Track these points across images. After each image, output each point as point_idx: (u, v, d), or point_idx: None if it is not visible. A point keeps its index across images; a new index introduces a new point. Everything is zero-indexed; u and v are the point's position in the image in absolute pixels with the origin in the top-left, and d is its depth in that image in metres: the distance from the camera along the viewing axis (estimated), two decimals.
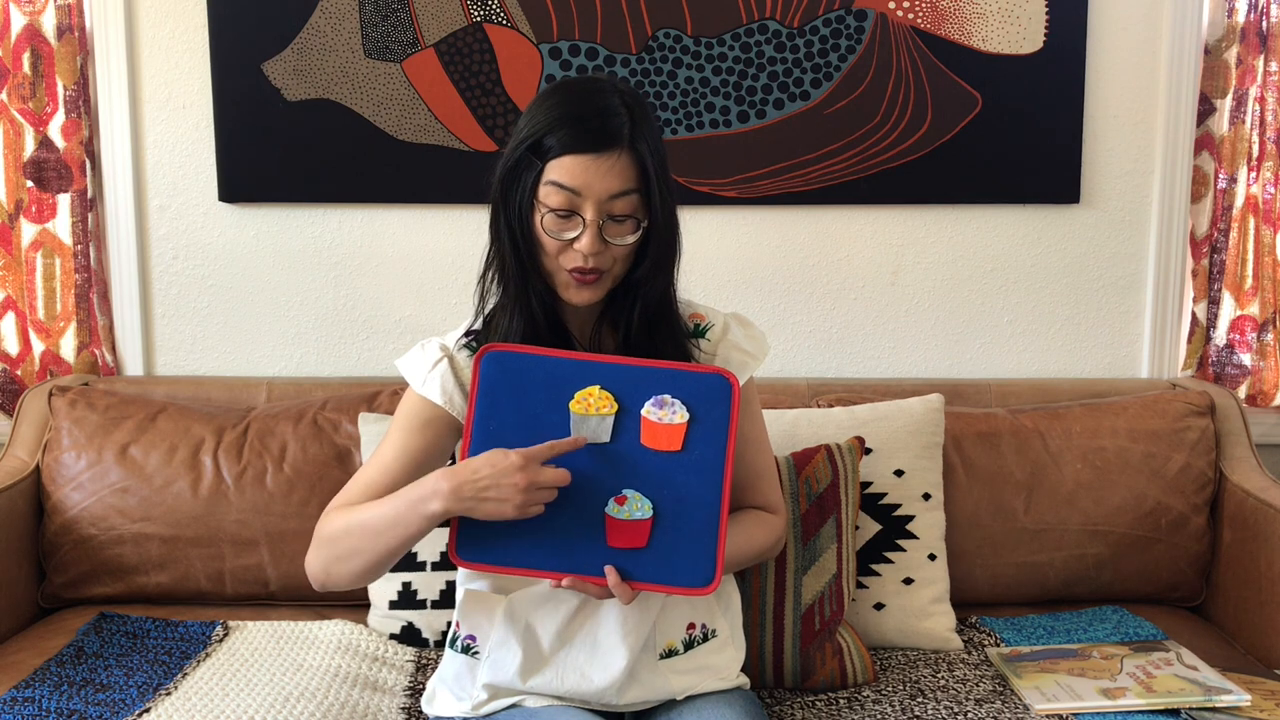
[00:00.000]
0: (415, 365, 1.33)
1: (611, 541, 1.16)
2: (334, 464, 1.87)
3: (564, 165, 1.19)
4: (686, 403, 1.17)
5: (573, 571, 1.16)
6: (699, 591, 1.16)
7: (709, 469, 1.17)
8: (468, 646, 1.32)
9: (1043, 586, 1.89)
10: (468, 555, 1.18)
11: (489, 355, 1.19)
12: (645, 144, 1.21)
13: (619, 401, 1.17)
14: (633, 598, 1.16)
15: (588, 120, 1.19)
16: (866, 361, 2.18)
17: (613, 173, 1.19)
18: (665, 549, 1.16)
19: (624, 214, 1.21)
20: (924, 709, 1.49)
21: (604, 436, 1.17)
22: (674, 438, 1.17)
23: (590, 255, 1.21)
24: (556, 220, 1.21)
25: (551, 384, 1.17)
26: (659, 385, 1.17)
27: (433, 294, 2.13)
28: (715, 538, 1.16)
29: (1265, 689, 1.51)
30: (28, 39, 2.05)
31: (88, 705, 1.46)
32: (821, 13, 2.06)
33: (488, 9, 2.04)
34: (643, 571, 1.16)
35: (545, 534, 1.16)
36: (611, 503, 1.16)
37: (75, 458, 1.87)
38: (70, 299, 2.11)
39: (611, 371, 1.18)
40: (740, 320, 1.40)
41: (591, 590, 1.17)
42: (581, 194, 1.19)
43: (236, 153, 2.07)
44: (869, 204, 2.12)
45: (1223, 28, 2.10)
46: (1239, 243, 2.16)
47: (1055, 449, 1.90)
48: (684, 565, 1.16)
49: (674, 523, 1.16)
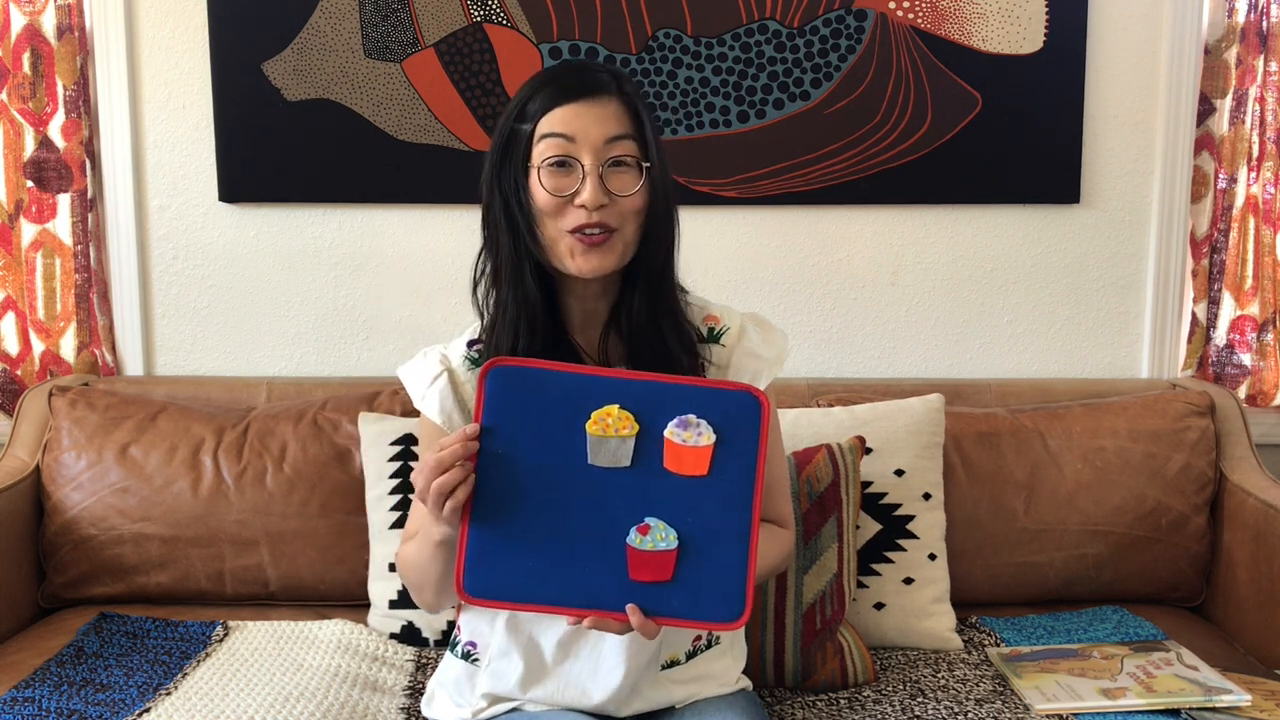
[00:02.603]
0: (415, 378, 1.28)
1: (634, 575, 1.07)
2: (334, 464, 1.87)
3: (555, 116, 1.16)
4: (713, 423, 1.07)
5: (592, 607, 1.07)
6: (728, 626, 1.07)
7: (737, 494, 1.07)
8: (468, 653, 1.31)
9: (1043, 586, 1.89)
10: (476, 590, 1.08)
11: (494, 371, 1.07)
12: (638, 99, 1.19)
13: (640, 421, 1.07)
14: (657, 634, 1.08)
15: (569, 75, 1.18)
16: (866, 361, 2.18)
17: (606, 114, 1.16)
18: (692, 582, 1.07)
19: (624, 157, 1.17)
20: (924, 709, 1.49)
21: (624, 460, 1.07)
22: (700, 461, 1.07)
23: (594, 208, 1.15)
24: (554, 174, 1.16)
25: (565, 403, 1.07)
26: (683, 404, 1.07)
27: (433, 294, 2.13)
28: (745, 569, 1.07)
29: (1265, 689, 1.51)
30: (28, 39, 2.05)
31: (88, 705, 1.46)
32: (821, 13, 2.06)
33: (488, 9, 2.04)
34: (668, 606, 1.07)
35: (562, 566, 1.07)
36: (633, 533, 1.07)
37: (75, 458, 1.87)
38: (70, 299, 2.11)
39: (631, 388, 1.07)
40: (758, 321, 1.33)
41: (613, 628, 1.08)
42: (577, 139, 1.16)
43: (236, 153, 2.07)
44: (869, 204, 2.12)
45: (1223, 28, 2.10)
46: (1239, 243, 2.16)
47: (1055, 449, 1.90)
48: (712, 599, 1.07)
49: (701, 554, 1.07)
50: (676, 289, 1.29)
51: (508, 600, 1.08)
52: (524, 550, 1.07)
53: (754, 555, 1.07)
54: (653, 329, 1.24)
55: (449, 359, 1.28)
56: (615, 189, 1.17)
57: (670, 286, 1.27)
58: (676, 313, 1.26)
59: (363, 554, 1.82)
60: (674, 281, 1.28)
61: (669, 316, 1.25)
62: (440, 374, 1.26)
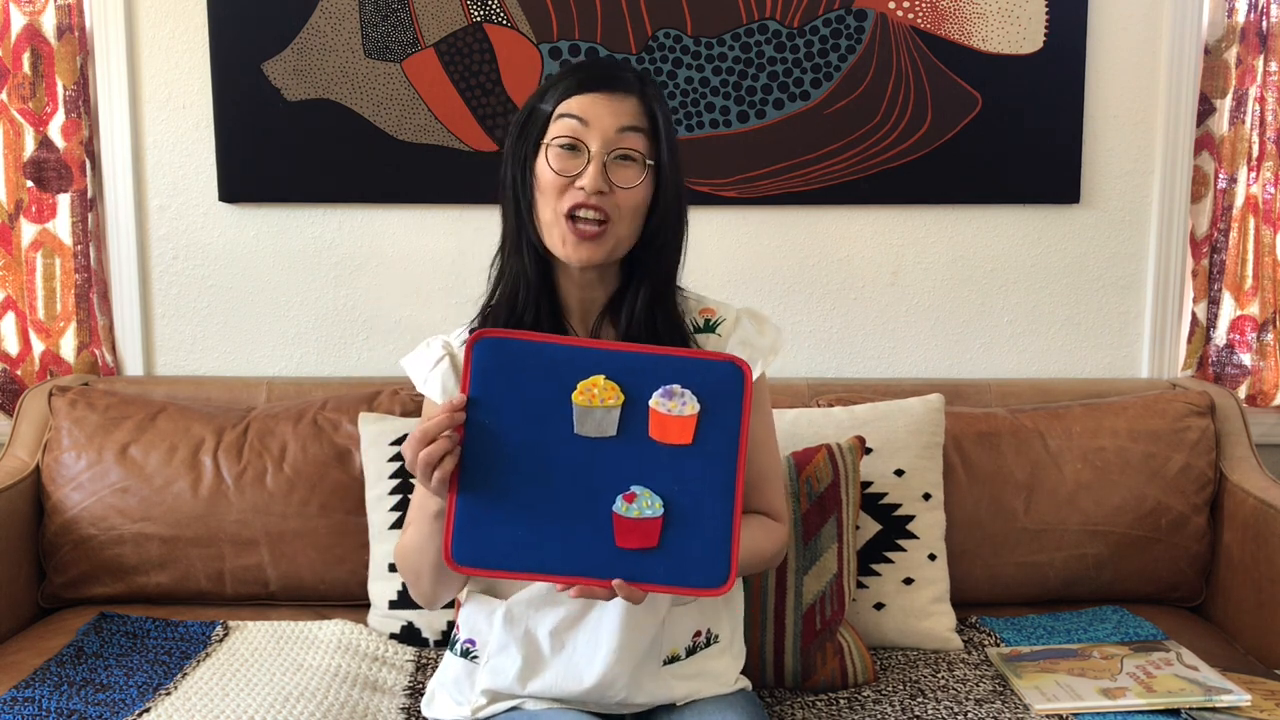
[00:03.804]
0: (418, 364, 1.31)
1: (620, 541, 1.09)
2: (334, 464, 1.87)
3: (573, 101, 1.20)
4: (697, 393, 1.10)
5: (579, 574, 1.09)
6: (713, 592, 1.10)
7: (721, 463, 1.10)
8: (467, 650, 1.32)
9: (1043, 586, 1.89)
10: (463, 559, 1.09)
11: (481, 342, 1.10)
12: (657, 103, 1.22)
13: (625, 392, 1.09)
14: (642, 600, 1.11)
15: (596, 67, 1.22)
16: (866, 361, 2.18)
17: (622, 107, 1.19)
18: (677, 548, 1.09)
19: (631, 150, 1.19)
20: (924, 709, 1.49)
21: (610, 430, 1.09)
22: (684, 430, 1.09)
23: (593, 192, 1.18)
24: (561, 155, 1.20)
25: (551, 373, 1.09)
26: (667, 374, 1.10)
27: (433, 294, 2.14)
28: (729, 535, 1.09)
29: (1265, 689, 1.51)
30: (28, 39, 2.05)
31: (88, 705, 1.46)
32: (821, 13, 2.06)
33: (488, 9, 2.04)
34: (653, 572, 1.09)
35: (549, 535, 1.09)
36: (620, 500, 1.09)
37: (75, 458, 1.87)
38: (70, 299, 2.11)
39: (616, 359, 1.10)
40: (753, 315, 1.36)
41: (599, 595, 1.10)
42: (589, 123, 1.19)
43: (236, 153, 2.07)
44: (869, 204, 2.12)
45: (1223, 28, 2.10)
46: (1239, 243, 2.16)
47: (1055, 449, 1.90)
48: (697, 565, 1.09)
49: (686, 520, 1.09)
50: (675, 288, 1.31)
51: (496, 568, 1.10)
52: (511, 519, 1.09)
53: (738, 522, 1.10)
54: (649, 326, 1.26)
55: (450, 345, 1.32)
56: (617, 180, 1.19)
57: (670, 285, 1.29)
58: (673, 313, 1.29)
59: (363, 554, 1.82)
60: (675, 279, 1.31)
61: (666, 316, 1.28)
62: (442, 358, 1.29)
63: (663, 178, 1.22)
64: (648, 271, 1.25)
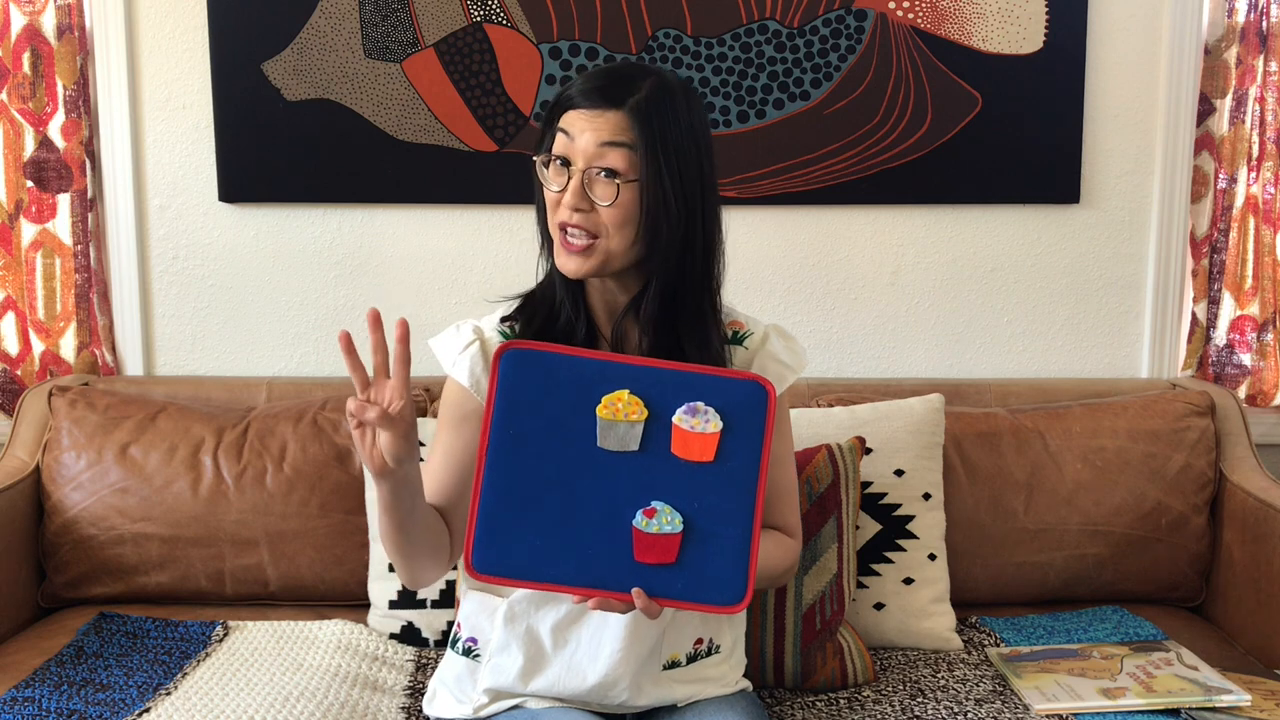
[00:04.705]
0: (447, 346, 1.30)
1: (639, 556, 1.09)
2: (334, 464, 1.87)
3: (567, 115, 1.20)
4: (720, 411, 1.10)
5: (597, 587, 1.09)
6: (729, 610, 1.10)
7: (742, 481, 1.10)
8: (469, 649, 1.32)
9: (1043, 586, 1.89)
10: (484, 567, 1.10)
11: (508, 354, 1.11)
12: (657, 117, 1.18)
13: (649, 407, 1.10)
14: (659, 614, 1.11)
15: (598, 78, 1.21)
16: (866, 361, 2.18)
17: (606, 122, 1.18)
18: (695, 565, 1.10)
19: (612, 168, 1.18)
20: (924, 709, 1.49)
21: (632, 444, 1.10)
22: (707, 448, 1.10)
23: (572, 209, 1.19)
24: (555, 170, 1.21)
25: (577, 386, 1.10)
26: (692, 391, 1.10)
27: (433, 294, 2.14)
28: (747, 554, 1.10)
29: (1265, 689, 1.51)
30: (28, 39, 2.05)
31: (88, 705, 1.46)
32: (821, 13, 2.06)
33: (488, 9, 2.04)
34: (671, 588, 1.10)
35: (568, 547, 1.09)
36: (640, 515, 1.09)
37: (75, 458, 1.87)
38: (70, 299, 2.11)
39: (641, 375, 1.11)
40: (781, 332, 1.36)
41: (617, 608, 1.10)
42: (574, 138, 1.19)
43: (236, 153, 2.07)
44: (869, 204, 2.12)
45: (1223, 28, 2.10)
46: (1239, 243, 2.16)
47: (1055, 449, 1.90)
48: (714, 582, 1.10)
49: (705, 537, 1.10)
50: (709, 293, 1.27)
51: (515, 578, 1.10)
52: (532, 530, 1.10)
53: (756, 540, 1.10)
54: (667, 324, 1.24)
55: (482, 330, 1.30)
56: (596, 197, 1.19)
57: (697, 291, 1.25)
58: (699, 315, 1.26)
59: (363, 554, 1.83)
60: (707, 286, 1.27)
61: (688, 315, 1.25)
62: (472, 342, 1.28)
63: (649, 192, 1.19)
64: (659, 274, 1.23)
